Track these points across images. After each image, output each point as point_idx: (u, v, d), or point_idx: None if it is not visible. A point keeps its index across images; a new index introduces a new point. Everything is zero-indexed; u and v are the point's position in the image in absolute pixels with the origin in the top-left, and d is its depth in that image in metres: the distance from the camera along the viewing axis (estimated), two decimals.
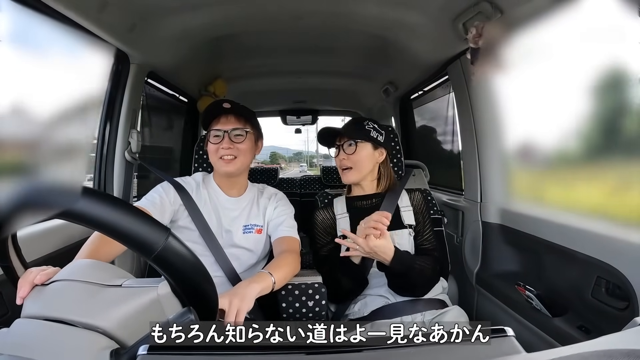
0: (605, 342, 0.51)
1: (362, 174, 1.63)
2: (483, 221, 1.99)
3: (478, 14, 1.62)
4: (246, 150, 1.52)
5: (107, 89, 1.94)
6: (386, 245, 1.39)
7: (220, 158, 1.49)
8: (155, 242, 0.65)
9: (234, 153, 1.49)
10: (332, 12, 1.95)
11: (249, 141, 1.52)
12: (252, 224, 1.55)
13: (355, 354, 0.66)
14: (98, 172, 1.98)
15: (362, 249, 1.39)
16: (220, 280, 1.45)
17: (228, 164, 1.49)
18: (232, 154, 1.48)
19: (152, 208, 1.41)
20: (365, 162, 1.62)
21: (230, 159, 1.49)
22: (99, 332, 0.68)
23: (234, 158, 1.49)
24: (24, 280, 0.79)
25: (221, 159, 1.49)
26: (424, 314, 1.50)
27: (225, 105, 1.52)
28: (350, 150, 1.60)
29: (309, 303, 1.40)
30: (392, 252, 1.40)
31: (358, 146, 1.60)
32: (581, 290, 1.38)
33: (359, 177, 1.63)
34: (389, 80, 3.16)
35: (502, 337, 0.67)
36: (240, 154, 1.50)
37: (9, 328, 0.70)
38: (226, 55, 2.60)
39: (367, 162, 1.62)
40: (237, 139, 1.50)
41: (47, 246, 1.44)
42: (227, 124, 1.51)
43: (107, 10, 1.49)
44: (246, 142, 1.51)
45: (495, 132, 1.92)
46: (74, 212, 0.62)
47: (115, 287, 0.74)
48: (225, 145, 1.48)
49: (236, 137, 1.50)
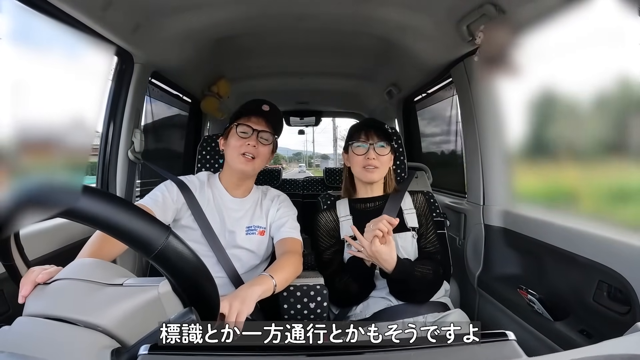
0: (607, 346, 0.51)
1: (384, 175, 1.63)
2: (485, 224, 1.98)
3: (482, 17, 1.62)
4: (266, 154, 1.53)
5: (110, 89, 1.95)
6: (389, 253, 1.38)
7: (242, 154, 1.48)
8: (156, 241, 0.65)
9: (255, 153, 1.49)
10: (335, 13, 1.95)
11: (271, 147, 1.54)
12: (255, 225, 1.55)
13: (357, 356, 0.66)
14: (101, 172, 1.98)
15: (365, 252, 1.39)
16: (222, 282, 1.45)
17: (247, 163, 1.49)
18: (253, 154, 1.49)
19: (154, 206, 1.40)
20: (388, 164, 1.63)
21: (250, 157, 1.49)
22: (100, 330, 0.68)
23: (253, 158, 1.49)
24: (27, 279, 0.80)
25: (243, 155, 1.48)
26: (425, 316, 1.50)
27: (264, 107, 1.54)
28: (384, 151, 1.60)
29: (311, 305, 1.39)
30: (394, 261, 1.40)
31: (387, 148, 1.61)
32: (583, 294, 1.38)
33: (381, 177, 1.63)
34: (393, 82, 3.16)
35: (503, 341, 0.67)
36: (259, 156, 1.51)
37: (11, 326, 0.70)
38: (230, 55, 2.60)
39: (388, 164, 1.63)
40: (263, 142, 1.51)
41: (49, 245, 1.45)
42: (259, 124, 1.52)
43: (111, 9, 1.50)
44: (269, 147, 1.53)
45: (498, 135, 1.91)
46: (75, 210, 0.62)
47: (117, 286, 0.75)
48: (252, 143, 1.48)
49: (263, 139, 1.51)
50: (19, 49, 0.44)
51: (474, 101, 2.00)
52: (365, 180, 1.62)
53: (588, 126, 1.25)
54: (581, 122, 1.25)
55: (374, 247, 1.36)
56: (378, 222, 1.38)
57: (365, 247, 1.38)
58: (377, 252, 1.37)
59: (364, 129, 1.62)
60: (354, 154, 1.61)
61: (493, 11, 1.57)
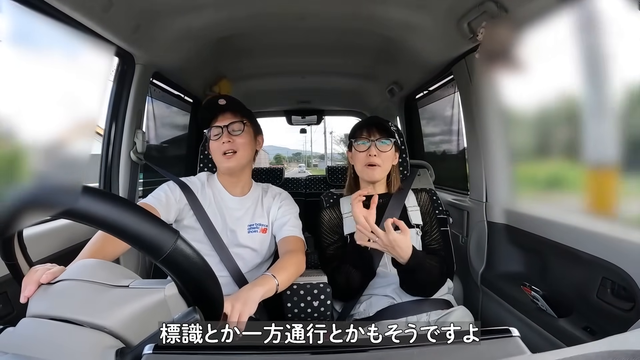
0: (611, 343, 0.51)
1: (386, 172, 1.63)
2: (488, 221, 1.98)
3: (483, 14, 1.62)
4: (245, 144, 1.52)
5: (112, 89, 1.95)
6: (406, 241, 1.36)
7: (222, 154, 1.49)
8: (165, 245, 0.66)
9: (234, 147, 1.49)
10: (337, 12, 1.95)
11: (247, 134, 1.53)
12: (257, 224, 1.56)
13: (360, 354, 0.66)
14: (104, 172, 1.99)
15: (382, 241, 1.37)
16: (225, 281, 1.45)
17: (229, 159, 1.49)
18: (231, 149, 1.49)
19: (158, 206, 1.41)
20: (390, 161, 1.62)
21: (230, 154, 1.49)
22: (106, 332, 0.68)
23: (234, 153, 1.49)
24: (29, 279, 0.80)
25: (224, 154, 1.49)
26: (429, 314, 1.50)
27: (220, 101, 1.52)
28: (386, 148, 1.59)
29: (314, 303, 1.40)
30: (410, 249, 1.37)
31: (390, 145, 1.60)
32: (586, 290, 1.38)
33: (383, 175, 1.63)
34: (394, 80, 3.16)
35: (507, 338, 0.67)
36: (239, 148, 1.50)
37: (15, 327, 0.70)
38: (231, 55, 2.60)
39: (391, 162, 1.62)
40: (235, 133, 1.50)
41: (52, 246, 1.45)
42: (225, 119, 1.52)
43: (112, 10, 1.50)
44: (244, 136, 1.52)
45: (500, 132, 1.91)
46: (86, 213, 0.63)
47: (123, 288, 0.75)
48: (225, 139, 1.49)
49: (234, 130, 1.51)
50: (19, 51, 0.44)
51: (476, 98, 2.00)
52: (367, 178, 1.62)
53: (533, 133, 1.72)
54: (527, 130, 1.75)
55: (391, 236, 1.33)
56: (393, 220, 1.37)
57: (380, 237, 1.36)
58: (395, 240, 1.33)
59: (365, 126, 1.62)
60: (356, 152, 1.61)
61: (494, 8, 1.56)
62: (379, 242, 1.37)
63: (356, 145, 1.61)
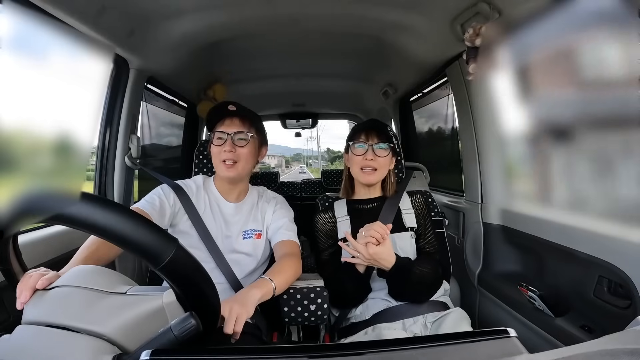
0: (608, 341, 0.51)
1: (382, 177, 1.63)
2: (484, 222, 1.99)
3: (476, 15, 1.63)
4: (248, 155, 1.50)
5: (106, 95, 1.94)
6: (386, 252, 1.39)
7: (222, 162, 1.47)
8: (164, 254, 0.66)
9: (235, 158, 1.47)
10: (330, 14, 1.95)
11: (251, 146, 1.50)
12: (252, 229, 1.54)
13: (358, 357, 0.66)
14: (98, 178, 1.98)
15: (363, 257, 1.39)
16: (222, 287, 1.44)
17: (229, 169, 1.47)
18: (232, 159, 1.47)
19: (152, 210, 1.40)
20: (387, 166, 1.63)
21: (231, 164, 1.47)
22: (104, 339, 0.68)
23: (234, 163, 1.48)
24: (24, 285, 0.79)
25: (224, 162, 1.47)
26: (425, 316, 1.50)
27: (230, 107, 1.50)
28: (383, 153, 1.59)
29: (311, 307, 1.39)
30: (393, 259, 1.40)
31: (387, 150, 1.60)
32: (583, 289, 1.38)
33: (379, 179, 1.63)
34: (388, 82, 3.17)
35: (504, 338, 0.67)
36: (241, 159, 1.48)
37: (11, 334, 0.70)
38: (225, 59, 2.60)
39: (387, 166, 1.63)
40: (239, 143, 1.48)
41: (48, 252, 1.44)
42: (231, 126, 1.49)
43: (106, 15, 1.50)
44: (248, 147, 1.49)
45: (495, 133, 1.91)
46: (85, 221, 0.63)
47: (120, 295, 0.75)
48: (228, 148, 1.47)
49: (239, 140, 1.48)
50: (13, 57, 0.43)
51: (470, 99, 2.00)
52: (362, 182, 1.62)
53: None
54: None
55: (371, 250, 1.37)
56: (371, 228, 1.39)
57: (361, 252, 1.38)
58: (375, 253, 1.37)
59: (364, 130, 1.63)
60: (353, 154, 1.61)
61: (487, 9, 1.57)
62: (361, 257, 1.40)
63: (354, 148, 1.61)
